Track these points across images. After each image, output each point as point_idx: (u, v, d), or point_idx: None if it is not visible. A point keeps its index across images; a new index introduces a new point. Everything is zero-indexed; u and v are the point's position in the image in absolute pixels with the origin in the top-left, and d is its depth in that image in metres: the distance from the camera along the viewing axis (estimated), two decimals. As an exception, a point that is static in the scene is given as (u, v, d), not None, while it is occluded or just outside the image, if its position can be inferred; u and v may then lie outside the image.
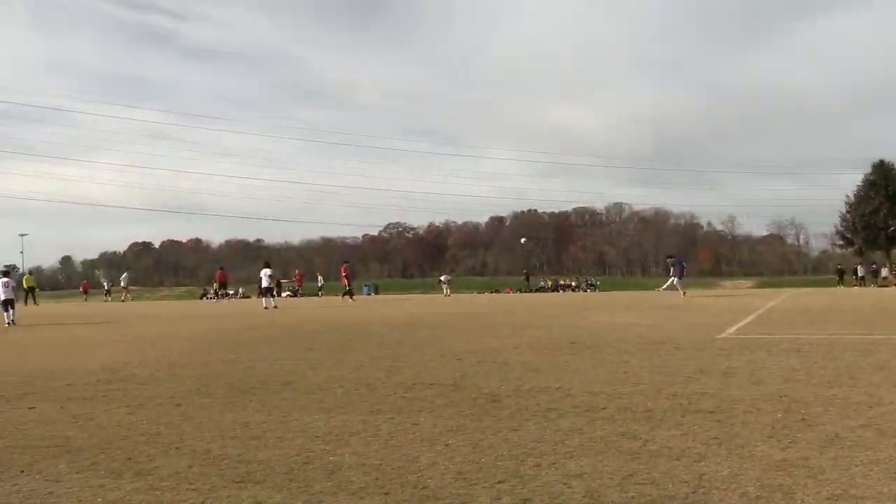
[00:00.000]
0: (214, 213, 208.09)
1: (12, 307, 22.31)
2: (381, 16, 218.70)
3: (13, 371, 9.80)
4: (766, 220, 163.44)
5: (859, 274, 63.86)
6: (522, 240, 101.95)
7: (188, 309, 33.28)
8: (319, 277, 63.01)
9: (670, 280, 31.92)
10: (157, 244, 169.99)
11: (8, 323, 21.43)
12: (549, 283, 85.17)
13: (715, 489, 3.76)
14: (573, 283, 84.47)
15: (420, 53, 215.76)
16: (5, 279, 22.95)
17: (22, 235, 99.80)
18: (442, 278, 53.86)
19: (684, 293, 30.95)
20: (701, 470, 4.11)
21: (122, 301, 47.71)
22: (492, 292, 71.50)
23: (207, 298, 46.87)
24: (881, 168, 77.76)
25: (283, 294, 58.93)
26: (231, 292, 70.48)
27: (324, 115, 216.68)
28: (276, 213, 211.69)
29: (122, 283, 50.93)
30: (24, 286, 41.07)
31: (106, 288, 57.26)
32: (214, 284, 52.63)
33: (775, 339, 11.54)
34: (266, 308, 29.12)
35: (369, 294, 67.62)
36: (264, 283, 31.98)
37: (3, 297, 22.28)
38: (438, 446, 4.85)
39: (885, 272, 66.49)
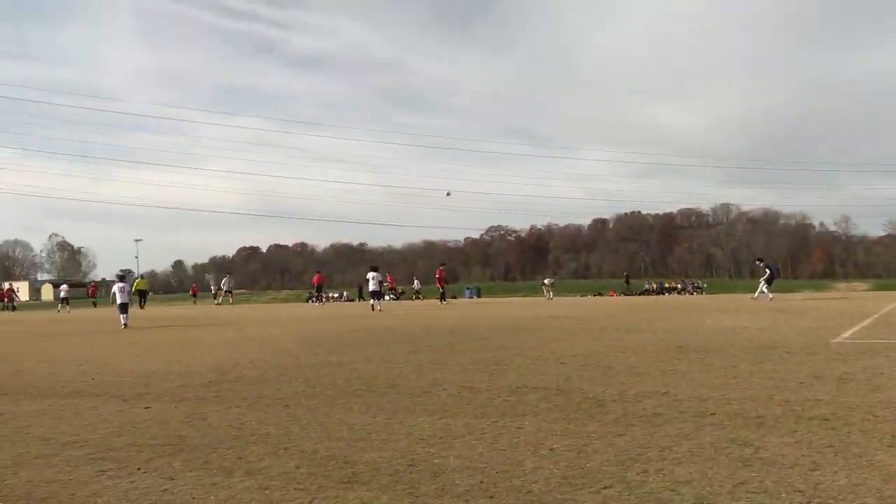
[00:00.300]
0: (319, 217, 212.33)
1: (126, 310, 23.12)
2: (478, 19, 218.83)
3: (130, 372, 10.21)
4: (883, 219, 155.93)
5: None
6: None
7: (294, 311, 34.04)
8: (416, 281, 63.56)
9: (762, 285, 31.05)
10: (264, 248, 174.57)
11: (123, 325, 22.28)
12: (654, 285, 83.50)
13: (832, 500, 3.62)
14: (678, 286, 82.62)
15: (518, 55, 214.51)
16: (121, 283, 23.87)
17: (137, 241, 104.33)
18: (546, 281, 53.48)
19: (755, 297, 30.20)
20: (816, 479, 3.96)
21: (222, 304, 48.90)
22: (595, 295, 70.68)
23: (312, 302, 47.76)
24: None
25: (387, 297, 59.75)
26: (336, 295, 71.86)
27: (424, 119, 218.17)
28: (378, 216, 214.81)
29: (223, 287, 52.17)
30: (135, 289, 42.60)
31: (214, 291, 58.86)
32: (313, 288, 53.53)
33: (894, 343, 11.04)
34: (373, 310, 29.55)
35: (471, 297, 67.62)
36: (371, 287, 32.38)
37: (119, 301, 23.19)
38: (543, 450, 4.82)
39: None
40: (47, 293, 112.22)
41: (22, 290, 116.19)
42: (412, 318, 23.21)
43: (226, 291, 51.55)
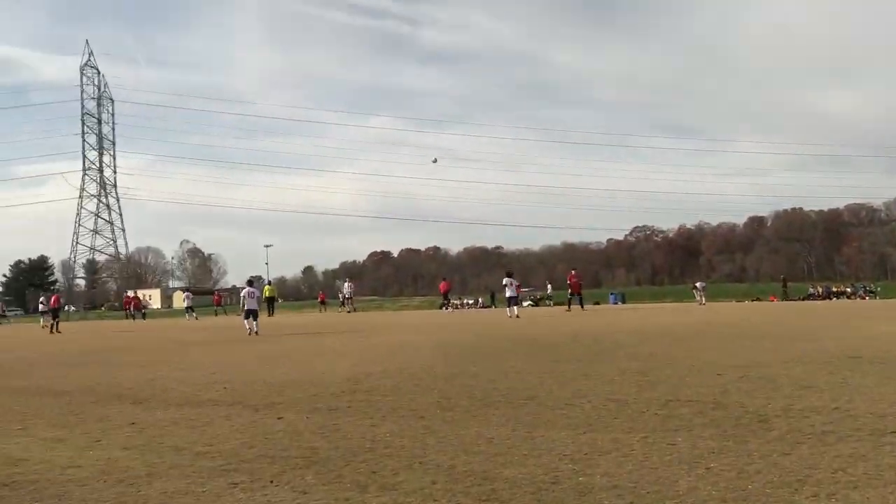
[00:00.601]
0: (452, 220, 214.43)
1: (255, 317, 23.81)
2: (618, 4, 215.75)
3: (261, 381, 10.57)
4: None
5: None
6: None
7: (427, 319, 34.43)
8: (549, 286, 63.24)
9: None
10: (395, 253, 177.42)
11: (250, 332, 22.95)
12: (819, 289, 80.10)
13: None
14: (848, 290, 78.95)
15: (662, 42, 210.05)
16: (250, 289, 24.65)
17: (267, 246, 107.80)
18: (697, 285, 52.29)
19: None
20: None
21: (348, 311, 49.53)
22: (752, 300, 68.45)
23: (445, 309, 48.12)
24: None
25: (525, 304, 59.79)
26: (470, 301, 72.35)
27: (563, 113, 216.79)
28: (515, 218, 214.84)
29: (345, 293, 52.67)
30: (265, 296, 43.66)
31: (341, 298, 59.37)
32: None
33: None
34: (510, 317, 29.58)
35: (615, 303, 66.77)
36: (508, 293, 32.40)
37: (247, 307, 23.96)
38: (699, 470, 4.69)
39: None
40: (179, 301, 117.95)
41: (154, 298, 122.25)
42: (552, 326, 23.08)
43: (346, 298, 52.08)
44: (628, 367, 10.37)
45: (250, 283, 26.11)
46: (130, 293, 77.73)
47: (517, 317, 29.83)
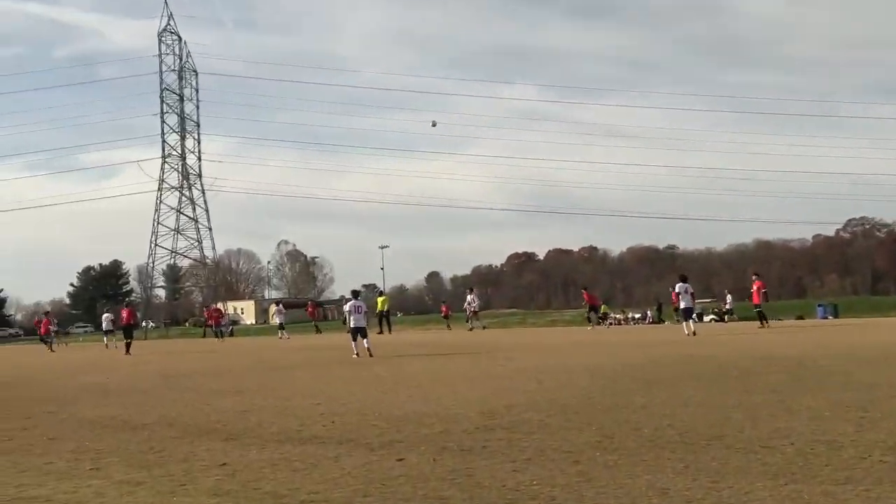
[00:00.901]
0: (612, 213, 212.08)
1: (364, 335, 24.09)
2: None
3: (378, 413, 10.73)
4: None
5: None
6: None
7: (579, 337, 34.26)
8: (728, 296, 61.90)
9: None
10: (541, 255, 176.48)
11: (358, 355, 23.26)
12: None
13: None
14: None
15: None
16: (356, 302, 24.56)
17: (382, 248, 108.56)
18: (931, 293, 50.49)
19: None
20: None
21: (483, 328, 49.21)
22: None
23: (600, 325, 47.53)
24: None
25: (707, 318, 58.84)
26: (636, 315, 71.56)
27: (754, 77, 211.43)
28: (692, 210, 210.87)
29: (470, 307, 51.42)
30: (377, 309, 43.75)
31: (468, 312, 57.30)
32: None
33: None
34: (686, 334, 29.17)
35: (825, 317, 64.94)
36: (683, 304, 31.88)
37: (353, 325, 24.16)
38: (940, 534, 4.52)
39: None
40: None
41: (247, 311, 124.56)
42: (741, 346, 22.66)
43: (471, 311, 51.36)
44: (842, 400, 10.13)
45: (356, 294, 26.17)
46: (213, 305, 79.26)
47: (694, 334, 29.37)
